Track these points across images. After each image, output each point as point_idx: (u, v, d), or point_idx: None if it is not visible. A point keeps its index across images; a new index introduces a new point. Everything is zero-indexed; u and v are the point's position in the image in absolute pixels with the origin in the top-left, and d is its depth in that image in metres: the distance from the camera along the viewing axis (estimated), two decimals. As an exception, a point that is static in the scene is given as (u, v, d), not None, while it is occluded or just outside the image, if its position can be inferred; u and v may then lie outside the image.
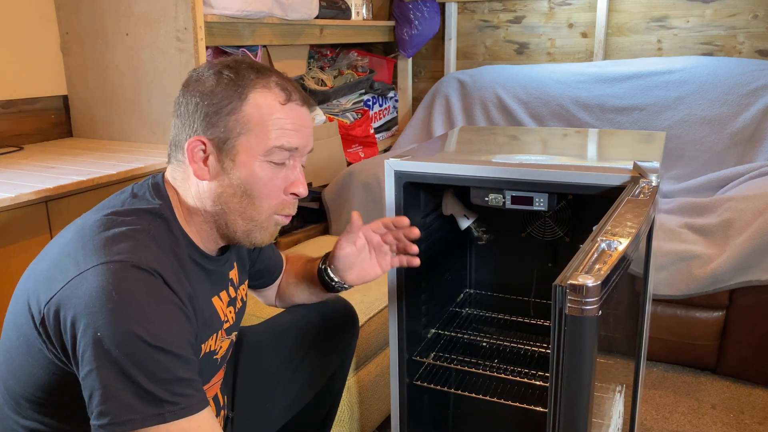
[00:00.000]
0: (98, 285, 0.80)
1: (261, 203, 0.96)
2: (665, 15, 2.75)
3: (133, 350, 0.79)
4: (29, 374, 0.89)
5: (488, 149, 1.43)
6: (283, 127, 0.94)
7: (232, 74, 0.94)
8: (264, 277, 1.28)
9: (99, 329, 0.78)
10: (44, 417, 0.91)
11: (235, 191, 0.94)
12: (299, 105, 0.97)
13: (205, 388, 1.07)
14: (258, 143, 0.93)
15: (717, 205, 2.05)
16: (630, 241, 0.81)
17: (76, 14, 2.09)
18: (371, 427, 1.73)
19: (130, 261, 0.83)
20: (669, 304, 2.03)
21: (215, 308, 1.01)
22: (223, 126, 0.93)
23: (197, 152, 0.94)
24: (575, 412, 0.76)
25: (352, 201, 2.49)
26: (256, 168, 0.94)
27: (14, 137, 2.07)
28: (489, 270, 1.78)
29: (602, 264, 0.75)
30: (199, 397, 0.84)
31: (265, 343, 1.28)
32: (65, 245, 0.88)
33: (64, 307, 0.82)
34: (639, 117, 2.61)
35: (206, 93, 0.93)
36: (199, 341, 0.96)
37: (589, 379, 0.75)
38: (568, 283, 0.71)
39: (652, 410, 1.90)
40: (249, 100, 0.93)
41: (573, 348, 0.73)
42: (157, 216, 0.93)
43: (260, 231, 0.98)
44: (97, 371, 0.79)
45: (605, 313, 0.79)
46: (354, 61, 3.02)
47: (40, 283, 0.86)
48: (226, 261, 1.06)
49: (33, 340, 0.86)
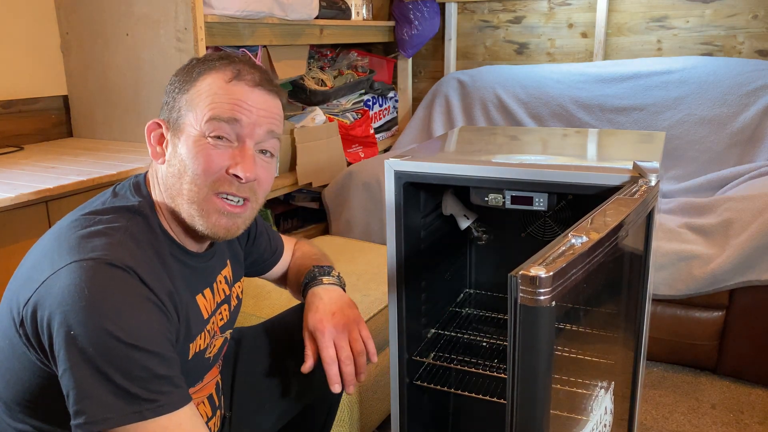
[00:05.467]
0: (71, 283, 0.80)
1: (197, 180, 0.92)
2: (665, 15, 2.75)
3: (106, 348, 0.78)
4: (17, 378, 0.89)
5: (488, 149, 1.43)
6: (221, 101, 0.93)
7: (197, 61, 0.98)
8: (258, 265, 1.28)
9: (72, 327, 0.78)
10: (35, 420, 0.91)
11: (178, 170, 0.93)
12: (249, 85, 0.95)
13: (198, 387, 1.07)
14: (198, 118, 0.93)
15: (717, 205, 2.05)
16: (600, 237, 0.81)
17: (76, 14, 2.09)
18: (371, 427, 1.73)
19: (104, 258, 0.82)
20: (669, 304, 2.03)
21: (199, 306, 1.00)
22: (176, 107, 0.95)
23: (155, 135, 0.97)
24: (531, 403, 0.76)
25: (352, 201, 2.49)
26: (195, 143, 0.92)
27: (14, 137, 2.07)
28: (489, 270, 1.78)
29: (564, 257, 0.76)
30: (179, 393, 0.83)
31: (264, 343, 1.28)
32: (43, 246, 0.89)
33: (40, 306, 0.81)
34: (639, 117, 2.61)
35: (173, 80, 0.98)
36: (186, 340, 0.95)
37: (546, 371, 0.75)
38: (520, 274, 0.72)
39: (652, 410, 1.90)
40: (198, 81, 0.95)
41: (527, 338, 0.74)
42: (136, 213, 0.93)
43: (201, 215, 0.93)
44: (71, 370, 0.78)
45: (568, 306, 0.79)
46: (354, 61, 3.02)
47: (20, 285, 0.86)
48: (212, 257, 1.05)
49: (17, 343, 0.86)
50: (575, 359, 1.02)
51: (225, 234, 0.96)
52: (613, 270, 1.02)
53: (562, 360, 0.96)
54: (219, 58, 0.97)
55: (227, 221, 0.95)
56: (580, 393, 1.00)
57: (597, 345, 1.12)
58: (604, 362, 1.14)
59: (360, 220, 2.48)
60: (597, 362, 1.10)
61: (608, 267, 0.91)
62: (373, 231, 2.45)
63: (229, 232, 0.96)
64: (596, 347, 1.12)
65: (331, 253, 1.41)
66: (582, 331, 1.02)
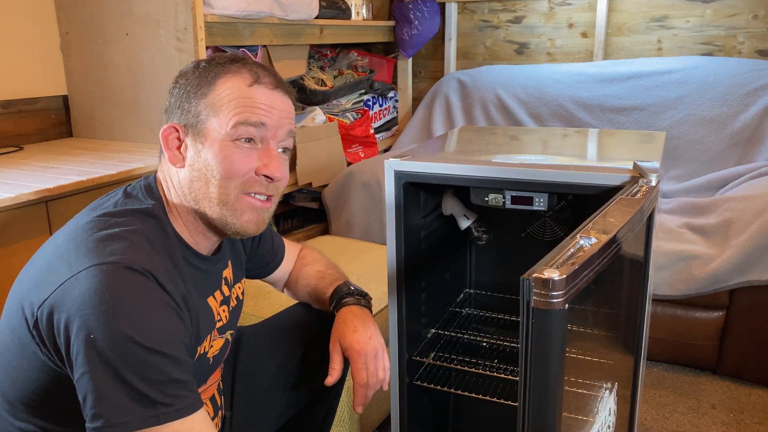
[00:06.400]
0: (91, 287, 0.80)
1: (228, 183, 0.94)
2: (665, 15, 2.75)
3: (125, 352, 0.78)
4: (24, 377, 0.89)
5: (488, 149, 1.43)
6: (247, 105, 0.94)
7: (206, 63, 0.98)
8: (258, 269, 1.28)
9: (92, 331, 0.78)
10: (39, 420, 0.91)
11: (204, 174, 0.94)
12: (269, 88, 0.97)
13: (202, 389, 1.07)
14: (223, 123, 0.94)
15: (717, 205, 2.05)
16: (609, 239, 0.81)
17: (76, 14, 2.09)
18: (371, 427, 1.73)
19: (123, 262, 0.83)
20: (669, 304, 2.03)
21: (210, 308, 1.01)
22: (193, 111, 0.95)
23: (171, 139, 0.97)
24: (544, 406, 0.76)
25: (352, 201, 2.49)
26: (222, 148, 0.93)
27: (14, 137, 2.07)
28: (489, 270, 1.77)
29: (575, 259, 0.75)
30: (193, 398, 0.84)
31: (264, 343, 1.28)
32: (58, 247, 0.88)
33: (57, 309, 0.81)
34: (639, 117, 2.61)
35: (182, 83, 0.97)
36: (195, 343, 0.95)
37: (557, 373, 0.75)
38: (534, 276, 0.71)
39: (652, 410, 1.90)
40: (217, 84, 0.95)
41: (540, 341, 0.74)
42: (150, 216, 0.93)
43: (234, 215, 0.96)
44: (90, 373, 0.78)
45: (578, 308, 0.79)
46: (354, 61, 3.02)
47: (33, 285, 0.86)
48: (220, 260, 1.06)
49: (27, 342, 0.86)
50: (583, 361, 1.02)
51: (255, 230, 0.98)
52: (618, 270, 1.02)
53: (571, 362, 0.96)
54: (230, 61, 0.98)
55: (257, 217, 0.98)
56: (587, 394, 1.00)
57: (602, 346, 1.12)
58: (609, 363, 1.14)
59: (360, 220, 2.48)
60: (602, 363, 1.10)
61: (613, 268, 0.91)
62: (373, 231, 2.45)
63: (258, 228, 0.99)
64: (601, 348, 1.12)
65: (331, 253, 1.41)
66: (589, 332, 1.02)
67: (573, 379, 0.94)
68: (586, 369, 1.02)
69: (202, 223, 0.98)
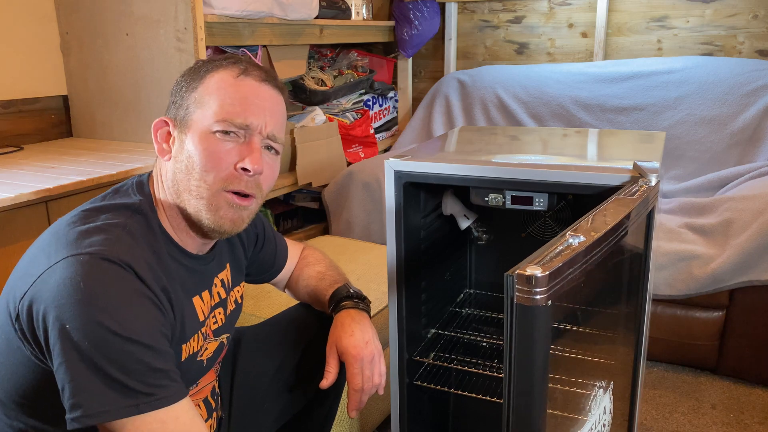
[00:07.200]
0: (66, 277, 0.80)
1: (207, 176, 0.92)
2: (665, 15, 2.75)
3: (101, 342, 0.78)
4: (12, 374, 0.88)
5: (488, 149, 1.43)
6: (230, 96, 0.94)
7: (202, 62, 0.99)
8: (260, 274, 1.28)
9: (67, 321, 0.78)
10: (32, 419, 0.90)
11: (186, 166, 0.93)
12: (256, 80, 0.96)
13: (194, 390, 1.06)
14: (206, 114, 0.93)
15: (717, 205, 2.05)
16: (597, 237, 0.81)
17: (76, 14, 2.09)
18: (371, 427, 1.73)
19: (100, 253, 0.82)
20: (669, 304, 2.03)
21: (195, 308, 0.99)
22: (184, 105, 0.96)
23: (162, 132, 0.97)
24: (528, 403, 0.76)
25: (352, 201, 2.49)
26: (202, 139, 0.93)
27: (14, 137, 2.07)
28: (489, 270, 1.77)
29: (561, 257, 0.76)
30: (176, 387, 0.83)
31: (263, 343, 1.28)
32: (41, 241, 0.89)
33: (36, 301, 0.81)
34: (639, 117, 2.61)
35: (179, 80, 0.99)
36: (179, 341, 0.94)
37: (542, 370, 0.75)
38: (517, 273, 0.72)
39: (652, 410, 1.90)
40: (206, 78, 0.96)
41: (523, 337, 0.74)
42: (136, 212, 0.93)
43: (209, 210, 0.93)
44: (66, 363, 0.78)
45: (566, 305, 0.79)
46: (354, 61, 3.02)
47: (17, 280, 0.86)
48: (211, 261, 1.05)
49: (12, 338, 0.86)
50: (573, 359, 1.02)
51: (231, 227, 0.96)
52: (613, 270, 1.02)
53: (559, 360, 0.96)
54: (225, 59, 0.99)
55: (234, 214, 0.95)
56: (579, 393, 1.00)
57: (596, 345, 1.12)
58: (603, 362, 1.14)
59: (360, 220, 2.48)
60: (596, 362, 1.10)
61: (607, 267, 0.91)
62: (373, 231, 2.45)
63: (234, 225, 0.96)
64: (595, 347, 1.12)
65: (332, 254, 1.41)
66: (580, 330, 1.02)
67: (561, 377, 0.94)
68: (577, 367, 1.02)
69: (183, 220, 0.97)
